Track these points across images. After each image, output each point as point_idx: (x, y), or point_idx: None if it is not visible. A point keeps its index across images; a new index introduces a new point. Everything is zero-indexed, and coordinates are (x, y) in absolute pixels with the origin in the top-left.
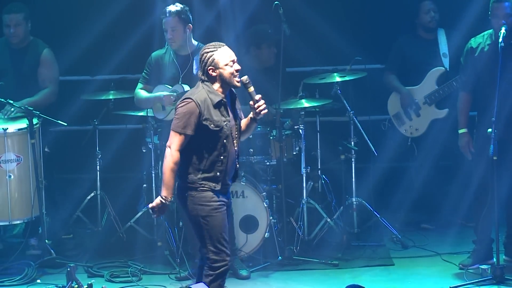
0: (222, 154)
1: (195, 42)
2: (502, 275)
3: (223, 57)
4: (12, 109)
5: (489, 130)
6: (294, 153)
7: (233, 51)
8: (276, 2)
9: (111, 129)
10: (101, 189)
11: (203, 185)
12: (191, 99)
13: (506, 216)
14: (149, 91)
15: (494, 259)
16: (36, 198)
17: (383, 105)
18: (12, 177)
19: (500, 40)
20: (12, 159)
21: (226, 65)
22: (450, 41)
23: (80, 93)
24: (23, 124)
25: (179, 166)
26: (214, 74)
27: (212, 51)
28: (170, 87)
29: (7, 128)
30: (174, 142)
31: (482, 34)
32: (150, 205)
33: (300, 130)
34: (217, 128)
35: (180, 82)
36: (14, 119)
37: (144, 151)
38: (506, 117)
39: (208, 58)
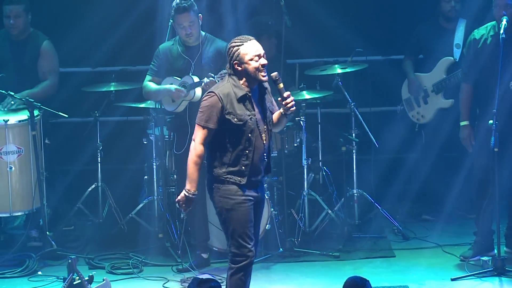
0: (248, 148)
1: (202, 32)
2: (503, 267)
3: (249, 51)
4: (13, 101)
5: (490, 121)
6: (295, 145)
7: None
8: None
9: (112, 121)
10: (102, 181)
11: (228, 179)
12: (214, 92)
13: (508, 208)
14: (158, 83)
15: (495, 251)
16: (37, 190)
17: (384, 96)
18: (13, 168)
19: (502, 31)
20: (13, 150)
21: (251, 60)
22: (468, 34)
23: (81, 85)
24: (24, 116)
25: (207, 159)
26: (239, 68)
27: (238, 45)
28: (179, 79)
29: (8, 120)
30: (198, 135)
31: (485, 25)
32: (176, 199)
33: (301, 122)
34: (241, 122)
35: (190, 73)
36: (15, 110)
37: (145, 142)
38: (508, 109)
39: (234, 52)
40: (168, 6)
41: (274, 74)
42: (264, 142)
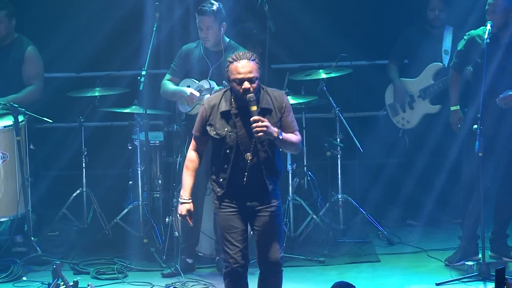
0: (225, 164)
1: (227, 39)
2: (487, 271)
3: (234, 72)
4: None
5: (475, 126)
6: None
7: None
8: None
9: (96, 126)
10: (87, 186)
11: (213, 185)
12: (206, 101)
13: (494, 213)
14: (176, 83)
15: (480, 255)
16: (22, 195)
17: (369, 101)
18: None
19: (486, 36)
20: None
21: (234, 81)
22: (455, 40)
23: (65, 90)
24: (8, 121)
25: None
26: (229, 85)
27: (231, 62)
28: (197, 81)
29: None
30: (192, 142)
31: (481, 28)
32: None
33: None
34: (218, 137)
35: (208, 78)
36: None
37: (130, 148)
38: (495, 113)
39: (227, 68)
40: (152, 11)
41: (250, 95)
42: (248, 160)
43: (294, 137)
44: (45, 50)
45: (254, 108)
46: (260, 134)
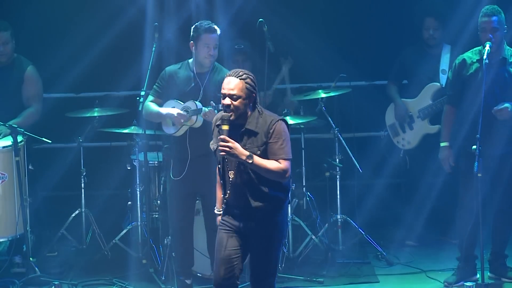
0: (221, 179)
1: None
2: None
3: (222, 86)
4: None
5: (474, 147)
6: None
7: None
8: (260, 20)
9: (95, 147)
10: (86, 207)
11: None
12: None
13: (491, 233)
14: (159, 105)
15: (479, 276)
16: (21, 215)
17: (368, 122)
18: None
19: (485, 57)
20: None
21: (221, 95)
22: (453, 59)
23: (64, 111)
24: (7, 141)
25: None
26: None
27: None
28: (182, 103)
29: None
30: None
31: (472, 50)
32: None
33: None
34: (212, 150)
35: (198, 100)
36: None
37: (129, 168)
38: (492, 133)
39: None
40: (151, 32)
41: (224, 114)
42: (230, 179)
43: (272, 164)
44: (44, 70)
45: (225, 127)
46: (222, 153)
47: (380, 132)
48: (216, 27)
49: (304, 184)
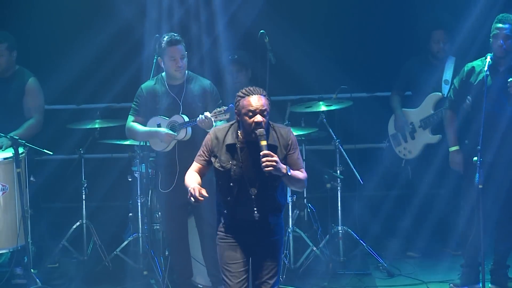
0: (228, 196)
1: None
2: None
3: (245, 106)
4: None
5: (475, 158)
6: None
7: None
8: (262, 31)
9: (96, 158)
10: (87, 218)
11: (218, 213)
12: (212, 132)
13: (494, 243)
14: (142, 123)
15: (481, 284)
16: (22, 227)
17: (369, 133)
18: None
19: (485, 68)
20: None
21: (246, 114)
22: (457, 70)
23: (65, 122)
24: (9, 153)
25: None
26: (238, 119)
27: (241, 97)
28: (167, 118)
29: None
30: (192, 165)
31: (481, 58)
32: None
33: None
34: (222, 169)
35: (180, 113)
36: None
37: (130, 180)
38: (495, 142)
39: (237, 102)
40: (152, 43)
41: (260, 130)
42: (253, 196)
43: (301, 174)
44: (45, 82)
45: (264, 142)
46: (269, 168)
47: (381, 143)
48: (178, 37)
49: (305, 196)
